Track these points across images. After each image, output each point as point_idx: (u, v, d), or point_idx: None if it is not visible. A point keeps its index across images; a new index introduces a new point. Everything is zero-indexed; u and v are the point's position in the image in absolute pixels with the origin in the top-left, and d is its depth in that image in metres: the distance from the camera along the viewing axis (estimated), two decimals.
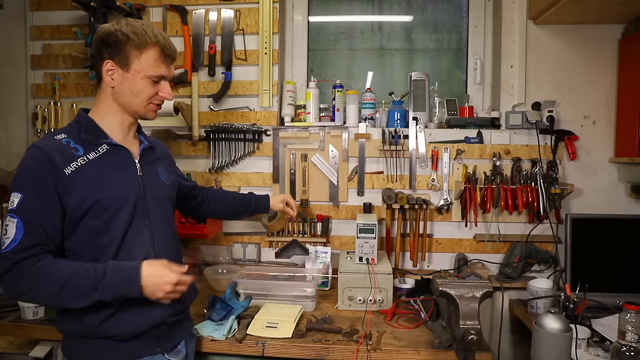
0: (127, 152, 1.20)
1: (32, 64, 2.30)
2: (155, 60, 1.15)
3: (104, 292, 1.04)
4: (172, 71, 1.21)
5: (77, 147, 1.12)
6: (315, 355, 1.39)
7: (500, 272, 2.02)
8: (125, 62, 1.14)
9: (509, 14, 2.07)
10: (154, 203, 1.23)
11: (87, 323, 1.11)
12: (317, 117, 2.18)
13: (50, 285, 1.02)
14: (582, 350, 1.38)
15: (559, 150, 2.03)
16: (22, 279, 1.02)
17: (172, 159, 1.49)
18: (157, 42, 1.14)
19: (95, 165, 1.12)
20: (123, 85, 1.16)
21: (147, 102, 1.18)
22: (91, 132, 1.16)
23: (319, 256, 1.99)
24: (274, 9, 2.14)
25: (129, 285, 1.06)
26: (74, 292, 1.04)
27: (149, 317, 1.17)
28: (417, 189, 2.09)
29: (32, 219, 1.04)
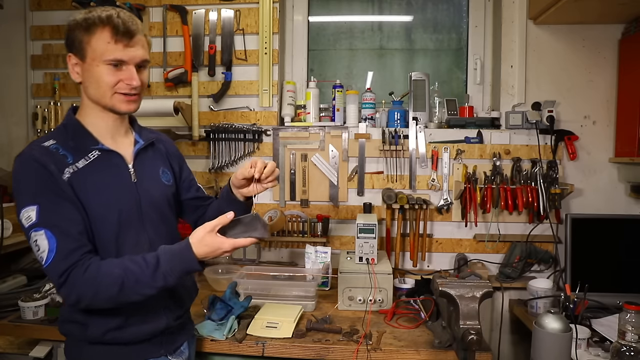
0: (120, 157, 1.12)
1: (32, 64, 2.30)
2: (107, 43, 1.01)
3: (166, 280, 1.01)
4: (134, 53, 1.05)
5: (66, 154, 1.04)
6: (315, 355, 1.39)
7: (500, 272, 2.02)
8: (81, 53, 1.04)
9: (509, 14, 2.07)
10: (151, 210, 1.16)
11: (92, 331, 1.08)
12: (317, 117, 2.18)
13: (107, 289, 0.98)
14: (582, 350, 1.38)
15: (559, 150, 2.03)
16: (80, 285, 0.98)
17: (179, 155, 1.38)
18: (106, 22, 1.01)
19: (84, 174, 1.05)
20: (86, 77, 1.06)
21: (111, 91, 1.05)
22: (79, 137, 1.08)
23: (319, 256, 1.99)
24: (274, 9, 2.14)
25: (190, 265, 1.03)
26: (134, 290, 1.00)
27: (155, 325, 1.15)
28: (417, 189, 2.09)
29: (59, 224, 0.98)
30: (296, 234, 2.14)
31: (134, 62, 1.06)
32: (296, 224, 2.14)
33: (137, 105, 1.12)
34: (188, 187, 1.37)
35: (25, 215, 0.98)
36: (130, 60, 1.05)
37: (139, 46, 1.07)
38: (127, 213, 1.10)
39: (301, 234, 2.14)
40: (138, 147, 1.17)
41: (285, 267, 2.09)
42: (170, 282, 1.02)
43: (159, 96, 2.20)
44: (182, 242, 1.06)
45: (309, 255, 2.00)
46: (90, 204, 1.04)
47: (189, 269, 1.04)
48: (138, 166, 1.16)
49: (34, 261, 2.25)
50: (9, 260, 2.19)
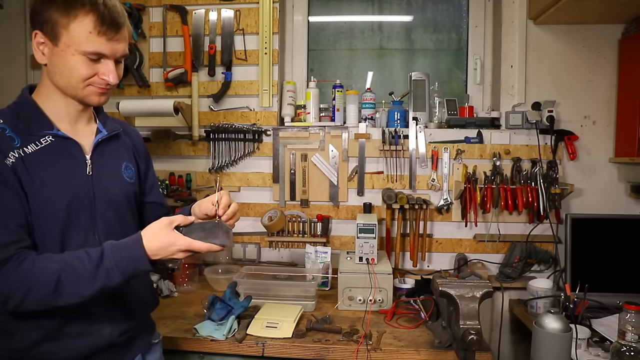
0: (76, 146, 0.99)
1: (32, 64, 2.29)
2: (89, 33, 0.89)
3: (109, 277, 0.88)
4: (115, 48, 0.94)
5: (13, 137, 0.91)
6: (315, 355, 1.39)
7: (500, 272, 2.02)
8: (53, 34, 0.90)
9: (509, 14, 2.07)
10: (106, 208, 1.02)
11: (17, 343, 0.92)
12: (317, 117, 2.18)
13: (41, 286, 0.86)
14: (582, 350, 1.38)
15: (559, 150, 2.03)
16: (10, 288, 0.86)
17: (146, 153, 1.23)
18: (89, 7, 0.88)
19: (32, 161, 0.91)
20: (53, 63, 0.93)
21: (84, 84, 0.94)
22: (31, 119, 0.95)
23: (319, 256, 1.99)
24: (274, 9, 2.14)
25: (137, 261, 0.90)
26: (72, 287, 0.87)
27: (94, 337, 0.99)
28: (417, 189, 2.09)
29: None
30: (296, 234, 2.14)
31: (114, 57, 0.96)
32: (296, 224, 2.14)
33: (108, 97, 1.02)
34: (150, 189, 1.24)
35: None
36: (111, 54, 0.94)
37: (122, 40, 0.95)
38: (76, 208, 0.97)
39: (301, 234, 2.14)
40: (100, 137, 1.04)
41: (285, 267, 2.09)
42: (114, 279, 0.89)
43: (159, 96, 2.20)
44: (132, 236, 0.93)
45: (309, 255, 2.00)
46: (34, 194, 0.91)
47: (137, 266, 0.91)
48: (97, 158, 1.03)
49: None
50: None
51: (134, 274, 0.92)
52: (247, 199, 2.18)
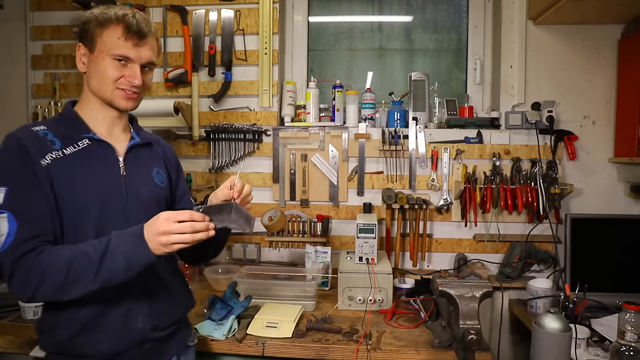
0: (110, 148, 1.10)
1: (33, 64, 2.30)
2: (117, 39, 1.04)
3: (113, 259, 0.94)
4: (142, 53, 1.07)
5: (54, 140, 1.04)
6: (315, 355, 1.39)
7: (500, 272, 2.02)
8: (91, 44, 1.06)
9: (509, 14, 2.07)
10: (138, 208, 1.09)
11: (59, 336, 1.02)
12: (317, 117, 2.19)
13: (56, 273, 0.93)
14: (581, 350, 1.38)
15: (559, 150, 2.03)
16: (27, 275, 0.94)
17: (178, 164, 1.32)
18: (120, 19, 1.04)
19: (70, 161, 1.03)
20: (90, 69, 1.08)
21: (113, 86, 1.06)
22: (72, 125, 1.08)
23: (319, 256, 1.99)
24: (274, 9, 2.15)
25: (137, 245, 0.95)
26: (83, 272, 0.94)
27: (128, 332, 1.06)
28: (417, 189, 2.09)
29: (23, 210, 0.96)
30: (296, 234, 2.14)
31: (139, 62, 1.07)
32: (296, 224, 2.14)
33: (135, 104, 1.12)
34: (181, 197, 1.31)
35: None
36: (136, 59, 1.07)
37: (147, 47, 1.08)
38: (109, 206, 1.06)
39: (301, 234, 2.14)
40: (132, 142, 1.15)
41: (285, 267, 2.09)
42: (118, 262, 0.94)
43: (159, 96, 2.21)
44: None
45: (309, 255, 2.01)
46: (70, 191, 1.01)
47: (137, 250, 0.95)
48: (129, 161, 1.13)
49: None
50: None
51: (137, 260, 0.96)
52: None
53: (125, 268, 0.95)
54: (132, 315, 1.07)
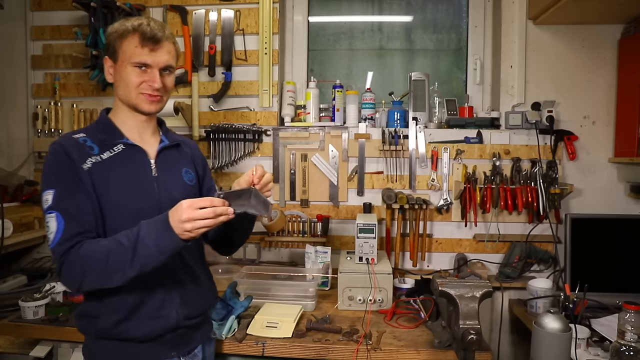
0: (142, 152, 1.19)
1: (33, 64, 2.30)
2: (135, 47, 1.12)
3: (145, 246, 1.01)
4: (158, 58, 1.14)
5: (93, 146, 1.14)
6: (315, 355, 1.39)
7: (500, 272, 2.02)
8: (114, 56, 1.15)
9: (509, 14, 2.07)
10: (171, 205, 1.13)
11: (102, 324, 1.11)
12: (317, 117, 2.19)
13: (97, 263, 1.02)
14: (581, 350, 1.38)
15: (559, 150, 2.03)
16: (73, 267, 1.03)
17: (204, 160, 1.41)
18: (136, 29, 1.12)
19: (107, 165, 1.13)
20: (116, 78, 1.17)
21: (136, 91, 1.15)
22: (108, 132, 1.18)
23: (319, 256, 1.99)
24: (274, 9, 2.15)
25: (165, 232, 1.01)
26: (119, 259, 1.01)
27: (165, 320, 1.16)
28: (417, 189, 2.09)
29: (69, 209, 1.06)
30: (296, 234, 2.14)
31: (157, 66, 1.15)
32: (296, 224, 2.14)
33: (159, 106, 1.20)
34: (207, 191, 1.38)
35: (44, 198, 1.07)
36: (154, 63, 1.14)
37: (164, 52, 1.15)
38: (145, 206, 1.14)
39: (301, 234, 2.14)
40: (162, 145, 1.24)
41: (285, 267, 2.09)
42: (150, 249, 1.00)
43: None
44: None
45: (309, 255, 2.01)
46: (109, 193, 1.11)
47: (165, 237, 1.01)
48: (160, 163, 1.22)
49: (34, 261, 2.26)
50: (9, 260, 2.19)
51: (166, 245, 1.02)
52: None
53: (157, 253, 1.02)
54: (167, 305, 1.16)
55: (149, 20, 1.14)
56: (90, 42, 2.06)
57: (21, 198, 2.17)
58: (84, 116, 2.24)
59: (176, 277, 1.19)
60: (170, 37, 1.17)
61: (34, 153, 2.30)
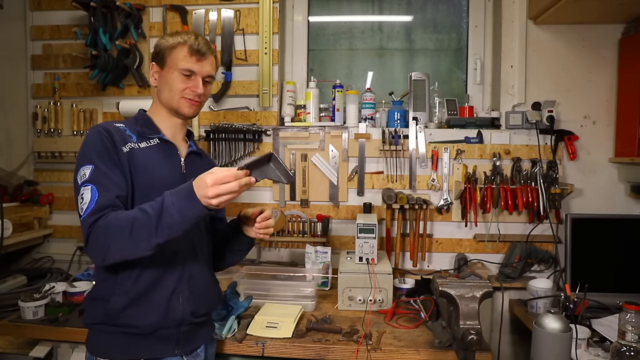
0: (175, 148, 1.29)
1: (32, 64, 2.30)
2: (184, 56, 1.23)
3: (170, 214, 1.03)
4: (203, 68, 1.26)
5: (131, 135, 1.22)
6: (315, 355, 1.39)
7: (500, 272, 2.02)
8: (162, 62, 1.26)
9: (509, 14, 2.07)
10: None
11: (113, 305, 1.14)
12: (317, 117, 2.18)
13: (121, 231, 1.04)
14: (582, 350, 1.38)
15: (559, 150, 2.03)
16: (99, 237, 1.06)
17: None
18: (186, 41, 1.24)
19: (144, 152, 1.21)
20: (161, 82, 1.27)
21: (180, 95, 1.24)
22: (146, 126, 1.27)
23: (319, 256, 1.99)
24: (274, 9, 2.14)
25: (188, 199, 1.03)
26: (144, 228, 1.04)
27: (171, 312, 1.18)
28: (417, 189, 2.09)
29: (104, 182, 1.11)
30: (296, 234, 2.14)
31: (201, 75, 1.26)
32: (296, 224, 2.14)
33: (197, 110, 1.30)
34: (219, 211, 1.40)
35: (82, 173, 1.12)
36: (199, 72, 1.25)
37: (208, 64, 1.27)
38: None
39: (301, 234, 2.14)
40: (191, 149, 1.34)
41: (285, 267, 2.09)
42: (174, 217, 1.02)
43: None
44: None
45: (309, 255, 2.00)
46: (143, 175, 1.18)
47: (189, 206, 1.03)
48: (188, 163, 1.31)
49: (34, 261, 2.26)
50: (9, 260, 2.19)
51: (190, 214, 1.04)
52: (247, 198, 2.18)
53: (181, 221, 1.04)
54: (176, 296, 1.19)
55: (197, 35, 1.27)
56: (90, 41, 2.06)
57: (21, 198, 2.17)
58: (84, 116, 2.24)
59: (189, 270, 1.23)
60: (213, 52, 1.30)
61: (33, 153, 2.30)
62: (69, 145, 2.23)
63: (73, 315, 1.60)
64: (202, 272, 1.28)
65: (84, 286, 1.72)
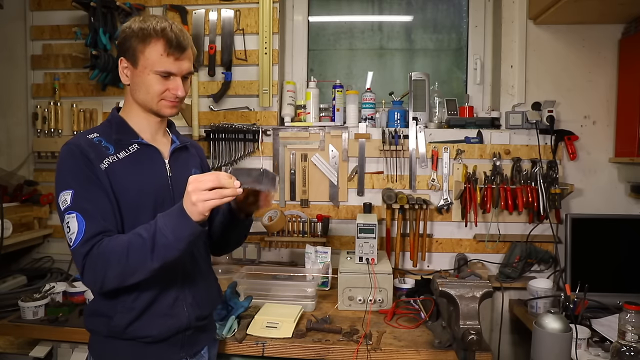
0: (157, 152, 1.19)
1: (32, 64, 2.30)
2: (160, 55, 1.09)
3: (163, 236, 0.99)
4: (182, 66, 1.12)
5: (108, 146, 1.13)
6: (315, 355, 1.39)
7: (500, 272, 2.02)
8: (133, 59, 1.11)
9: (509, 13, 2.07)
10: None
11: (116, 323, 1.10)
12: (317, 117, 2.18)
13: (117, 258, 1.01)
14: (582, 350, 1.38)
15: (559, 150, 2.03)
16: (95, 265, 1.02)
17: (206, 161, 1.42)
18: (161, 35, 1.08)
19: (124, 164, 1.13)
20: (134, 82, 1.13)
21: (158, 98, 1.13)
22: (122, 132, 1.16)
23: (319, 256, 1.99)
24: (274, 9, 2.14)
25: (181, 219, 1.00)
26: (140, 253, 1.00)
27: (177, 320, 1.16)
28: (417, 189, 2.09)
29: (89, 208, 1.04)
30: (296, 234, 2.14)
31: (181, 74, 1.14)
32: (296, 224, 2.14)
33: (178, 110, 1.20)
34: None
35: (62, 199, 1.05)
36: (178, 72, 1.12)
37: (187, 59, 1.14)
38: (161, 204, 1.15)
39: (301, 234, 2.14)
40: (174, 146, 1.24)
41: (285, 267, 2.09)
42: (168, 238, 0.99)
43: None
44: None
45: (309, 255, 2.00)
46: (127, 191, 1.11)
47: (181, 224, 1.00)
48: (173, 163, 1.22)
49: (34, 261, 2.26)
50: (9, 260, 2.19)
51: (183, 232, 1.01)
52: None
53: (175, 241, 1.01)
54: (179, 304, 1.17)
55: (170, 24, 1.10)
56: (90, 41, 2.06)
57: (21, 198, 2.17)
58: (84, 116, 2.24)
59: (188, 275, 1.20)
60: (190, 42, 1.15)
61: (33, 153, 2.30)
62: None
63: (73, 315, 1.60)
64: (202, 274, 1.25)
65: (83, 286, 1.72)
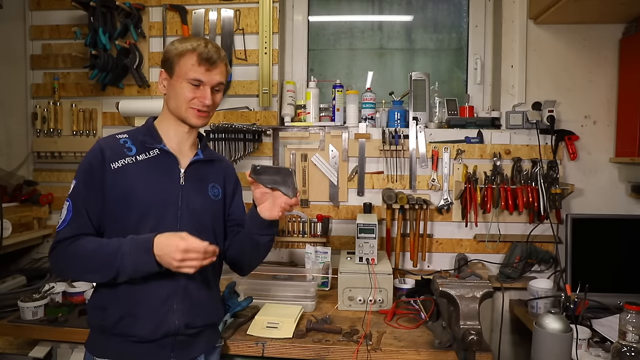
0: (175, 160, 1.26)
1: (32, 64, 2.29)
2: (192, 65, 1.19)
3: (123, 261, 1.08)
4: (212, 77, 1.22)
5: (131, 147, 1.22)
6: (316, 356, 1.39)
7: (501, 272, 2.02)
8: (171, 70, 1.23)
9: (509, 13, 2.07)
10: (188, 215, 1.23)
11: (110, 315, 1.16)
12: (317, 117, 2.18)
13: (79, 261, 1.12)
14: (582, 350, 1.37)
15: (560, 150, 2.03)
16: (59, 259, 1.14)
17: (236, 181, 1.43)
18: (194, 49, 1.20)
19: (140, 166, 1.21)
20: (169, 91, 1.25)
21: (187, 105, 1.22)
22: (149, 135, 1.26)
23: (319, 256, 1.99)
24: (274, 8, 2.14)
25: (145, 254, 1.08)
26: (98, 264, 1.11)
27: (165, 324, 1.17)
28: (417, 189, 2.09)
29: (79, 204, 1.16)
30: (296, 234, 2.14)
31: (210, 84, 1.22)
32: (296, 224, 2.14)
33: (205, 121, 1.27)
34: (235, 211, 1.41)
35: (72, 184, 1.19)
36: (207, 82, 1.22)
37: (217, 72, 1.23)
38: (165, 208, 1.21)
39: (301, 234, 2.13)
40: (196, 158, 1.30)
41: (285, 267, 2.08)
42: (126, 266, 1.09)
43: (158, 96, 2.20)
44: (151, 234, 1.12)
45: (309, 255, 2.00)
46: (134, 190, 1.18)
47: (143, 262, 1.09)
48: (189, 173, 1.27)
49: (33, 261, 2.26)
50: (8, 260, 2.19)
51: (142, 268, 1.10)
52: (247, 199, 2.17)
53: (132, 271, 1.10)
54: (171, 309, 1.19)
55: (207, 42, 1.22)
56: (90, 41, 2.06)
57: (20, 198, 2.17)
58: (84, 116, 2.24)
59: (184, 283, 1.20)
60: (224, 59, 1.25)
61: (33, 153, 2.30)
62: (68, 145, 2.23)
63: (72, 316, 1.60)
64: (198, 285, 1.23)
65: (83, 286, 1.72)
